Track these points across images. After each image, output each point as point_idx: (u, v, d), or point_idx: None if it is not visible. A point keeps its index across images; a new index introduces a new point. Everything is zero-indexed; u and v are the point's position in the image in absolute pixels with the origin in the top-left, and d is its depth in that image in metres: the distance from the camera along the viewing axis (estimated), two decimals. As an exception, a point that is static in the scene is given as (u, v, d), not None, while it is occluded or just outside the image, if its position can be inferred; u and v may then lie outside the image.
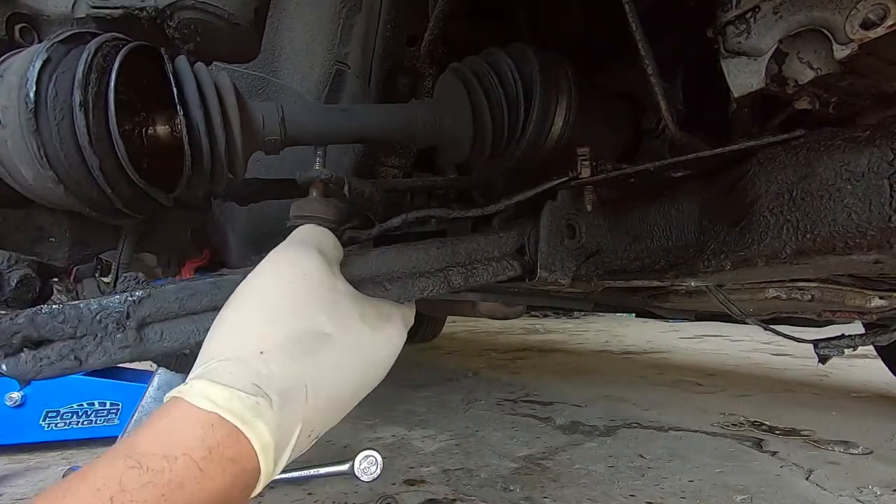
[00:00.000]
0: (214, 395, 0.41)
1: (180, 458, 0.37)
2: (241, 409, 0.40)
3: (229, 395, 0.41)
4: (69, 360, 0.51)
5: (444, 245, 0.68)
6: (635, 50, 0.65)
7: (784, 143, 0.62)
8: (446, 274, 0.68)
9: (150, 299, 0.53)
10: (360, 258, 0.61)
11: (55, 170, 0.51)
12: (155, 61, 0.57)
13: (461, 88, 0.80)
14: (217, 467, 0.39)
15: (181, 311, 0.54)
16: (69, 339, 0.51)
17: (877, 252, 0.53)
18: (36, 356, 0.50)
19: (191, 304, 0.54)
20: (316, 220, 0.62)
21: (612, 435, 1.79)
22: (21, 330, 0.50)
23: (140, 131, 0.57)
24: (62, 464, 1.53)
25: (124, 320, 0.52)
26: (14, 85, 0.50)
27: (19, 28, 0.63)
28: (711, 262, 0.67)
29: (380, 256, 0.62)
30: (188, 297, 0.54)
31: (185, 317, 0.54)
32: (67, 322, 0.51)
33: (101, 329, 0.52)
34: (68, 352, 0.51)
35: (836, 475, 1.43)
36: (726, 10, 0.59)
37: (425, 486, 1.32)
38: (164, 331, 0.54)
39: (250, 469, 0.41)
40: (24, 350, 0.50)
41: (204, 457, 0.38)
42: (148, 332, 0.53)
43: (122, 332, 0.52)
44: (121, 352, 0.52)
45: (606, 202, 0.82)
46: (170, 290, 0.54)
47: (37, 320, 0.50)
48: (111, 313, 0.52)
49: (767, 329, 1.05)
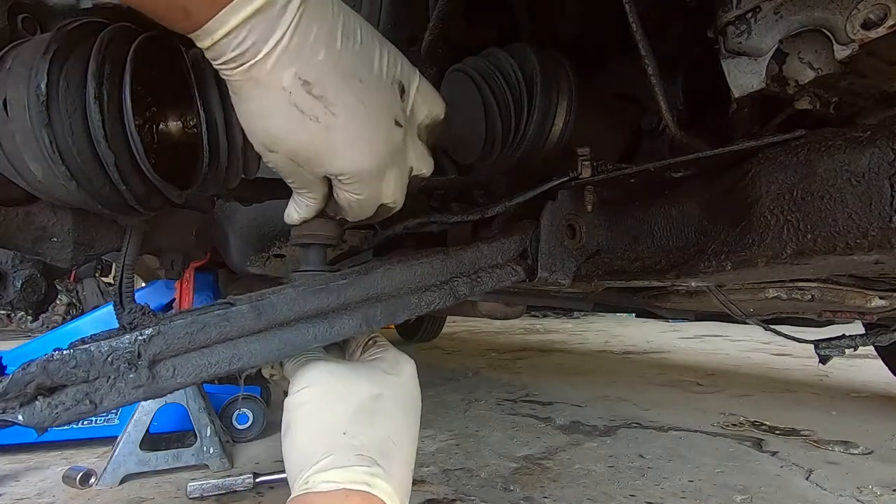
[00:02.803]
0: (334, 476, 0.47)
1: None
2: (360, 476, 0.48)
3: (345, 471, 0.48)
4: (84, 405, 0.51)
5: (448, 257, 0.68)
6: (635, 50, 0.65)
7: (784, 144, 0.62)
8: (451, 286, 0.67)
9: (160, 336, 0.53)
10: (366, 277, 0.61)
11: (67, 164, 0.50)
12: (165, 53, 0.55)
13: (471, 88, 0.80)
14: None
15: (191, 345, 0.54)
16: (83, 384, 0.51)
17: (877, 252, 0.53)
18: (51, 403, 0.50)
19: (200, 338, 0.54)
20: (315, 237, 0.62)
21: (612, 435, 1.79)
22: (34, 378, 0.49)
23: (151, 126, 0.56)
24: (62, 464, 1.53)
25: (136, 360, 0.52)
26: (22, 76, 0.48)
27: (21, 18, 0.62)
28: (712, 262, 0.67)
29: (385, 274, 0.62)
30: (197, 330, 0.54)
31: (195, 351, 0.54)
32: (79, 367, 0.51)
33: (114, 370, 0.51)
34: (83, 396, 0.51)
35: (836, 475, 1.43)
36: (727, 10, 0.59)
37: (425, 486, 1.32)
38: (175, 366, 0.53)
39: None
40: (39, 398, 0.50)
41: None
42: (160, 370, 0.53)
43: (135, 372, 0.52)
44: (135, 391, 0.52)
45: (607, 202, 0.82)
46: (179, 326, 0.54)
47: (49, 367, 0.50)
48: (122, 354, 0.52)
49: (768, 329, 1.05)
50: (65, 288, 3.71)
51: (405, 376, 0.60)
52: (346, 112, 0.50)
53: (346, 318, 0.58)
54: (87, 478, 1.30)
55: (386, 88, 0.53)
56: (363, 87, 0.51)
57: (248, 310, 0.55)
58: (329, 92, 0.48)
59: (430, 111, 0.60)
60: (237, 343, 0.55)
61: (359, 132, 0.51)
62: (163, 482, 1.43)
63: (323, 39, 0.47)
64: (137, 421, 1.47)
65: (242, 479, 1.33)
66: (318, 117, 0.49)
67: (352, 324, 0.58)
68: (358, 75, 0.50)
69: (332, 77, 0.48)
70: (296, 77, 0.47)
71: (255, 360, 0.55)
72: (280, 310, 0.56)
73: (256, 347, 0.55)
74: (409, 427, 0.57)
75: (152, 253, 0.97)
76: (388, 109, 0.54)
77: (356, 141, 0.51)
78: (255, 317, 0.55)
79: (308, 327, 0.57)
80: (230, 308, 0.55)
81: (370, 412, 0.54)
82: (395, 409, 0.56)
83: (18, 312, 4.97)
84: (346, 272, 0.61)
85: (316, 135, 0.50)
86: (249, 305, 0.55)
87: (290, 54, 0.46)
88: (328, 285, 0.58)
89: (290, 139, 0.50)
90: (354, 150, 0.52)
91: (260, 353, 0.55)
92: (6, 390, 0.49)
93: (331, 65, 0.48)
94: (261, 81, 0.47)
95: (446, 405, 2.17)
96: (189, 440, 1.59)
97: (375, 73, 0.52)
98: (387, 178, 0.56)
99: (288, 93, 0.47)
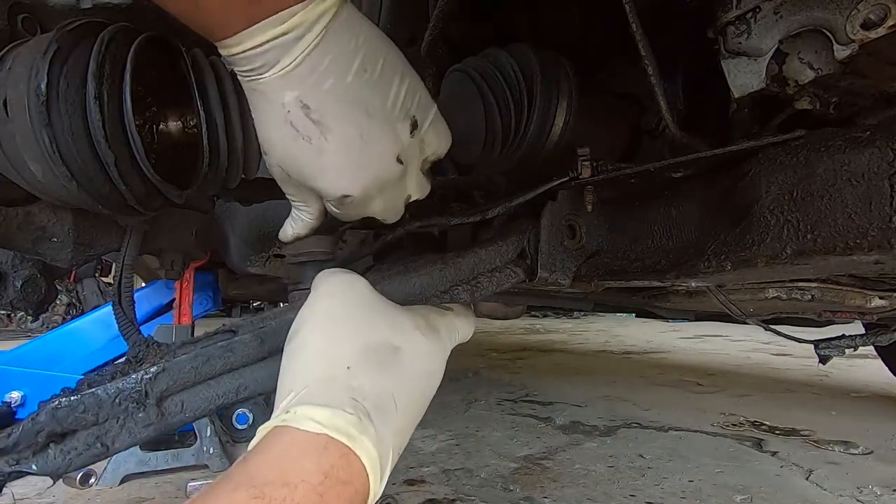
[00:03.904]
0: (319, 416, 0.41)
1: (300, 486, 0.37)
2: (346, 426, 0.41)
3: (332, 413, 0.41)
4: (96, 448, 0.51)
5: (447, 266, 0.68)
6: (635, 50, 0.65)
7: (784, 144, 0.62)
8: (452, 294, 0.67)
9: (166, 373, 0.53)
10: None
11: (67, 165, 0.50)
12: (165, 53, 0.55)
13: (472, 88, 0.80)
14: (333, 492, 0.39)
15: (197, 378, 0.54)
16: (93, 427, 0.51)
17: (878, 252, 0.53)
18: (63, 450, 0.51)
19: (206, 371, 0.54)
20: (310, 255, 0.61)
21: (612, 435, 1.79)
22: (44, 427, 0.50)
23: (151, 126, 0.56)
24: (62, 464, 1.53)
25: (143, 399, 0.52)
26: (22, 76, 0.48)
27: (21, 18, 0.62)
28: (712, 262, 0.67)
29: (385, 288, 0.62)
30: (202, 363, 0.54)
31: (202, 384, 0.54)
32: (88, 411, 0.51)
33: (122, 411, 0.52)
34: (94, 440, 0.51)
35: (836, 475, 1.43)
36: (727, 10, 0.59)
37: (425, 486, 1.32)
38: (183, 401, 0.54)
39: (362, 491, 0.41)
40: (51, 445, 0.50)
41: (321, 482, 0.38)
42: (168, 406, 0.53)
43: (144, 411, 0.52)
44: (145, 430, 0.52)
45: (607, 202, 0.82)
46: (184, 361, 0.54)
47: (58, 415, 0.50)
48: (129, 394, 0.52)
49: (768, 329, 1.05)
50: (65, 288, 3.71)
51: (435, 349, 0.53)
52: (340, 140, 0.50)
53: None
54: (87, 478, 1.30)
55: (395, 123, 0.53)
56: (369, 120, 0.51)
57: (251, 338, 0.55)
58: (328, 119, 0.49)
59: (438, 148, 0.59)
60: (242, 373, 0.55)
61: (349, 162, 0.51)
62: (163, 482, 1.43)
63: (334, 70, 0.48)
64: (137, 421, 1.47)
65: (242, 479, 1.33)
66: (312, 139, 0.50)
67: None
68: (366, 107, 0.50)
69: (334, 106, 0.49)
70: (297, 99, 0.48)
71: (262, 388, 0.55)
72: (282, 335, 0.55)
73: (262, 375, 0.56)
74: (416, 397, 0.50)
75: (152, 253, 0.98)
76: (392, 145, 0.53)
77: (345, 169, 0.52)
78: (257, 345, 0.56)
79: None
80: (233, 338, 0.55)
81: (383, 360, 0.47)
82: (409, 371, 0.49)
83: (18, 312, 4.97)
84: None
85: (306, 153, 0.50)
86: (252, 334, 0.55)
87: (294, 80, 0.47)
88: None
89: (282, 151, 0.52)
90: (341, 176, 0.52)
91: (266, 380, 0.55)
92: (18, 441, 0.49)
93: (337, 94, 0.49)
94: (265, 95, 0.49)
95: (446, 405, 2.17)
96: (189, 440, 1.59)
97: (388, 107, 0.52)
98: (375, 202, 0.56)
99: (286, 111, 0.49)
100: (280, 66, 0.47)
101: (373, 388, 0.45)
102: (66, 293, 3.86)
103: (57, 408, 0.50)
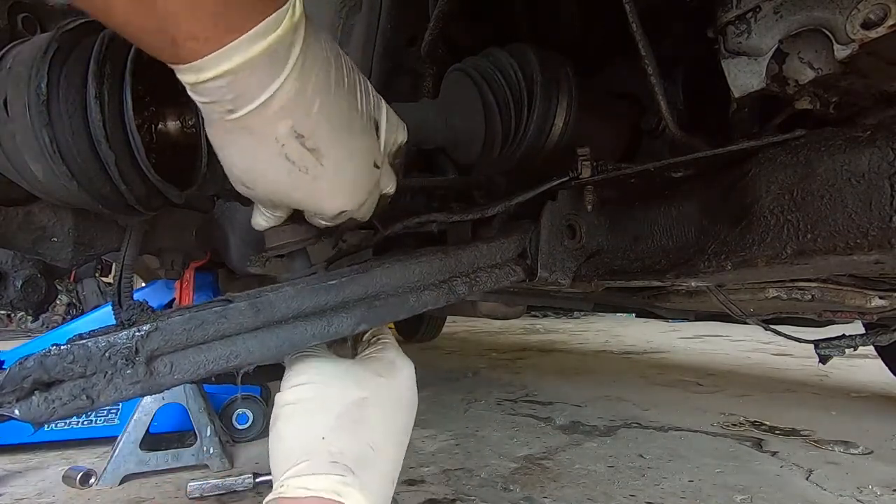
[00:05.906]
0: (308, 483, 0.47)
1: None
2: (332, 485, 0.47)
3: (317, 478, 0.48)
4: (81, 400, 0.51)
5: (447, 257, 0.68)
6: (635, 50, 0.65)
7: (784, 144, 0.62)
8: (450, 285, 0.67)
9: (158, 332, 0.53)
10: (365, 276, 0.61)
11: (68, 164, 0.50)
12: None
13: (471, 88, 0.80)
14: None
15: (189, 341, 0.54)
16: (80, 379, 0.51)
17: (878, 252, 0.53)
18: (48, 398, 0.50)
19: (198, 335, 0.54)
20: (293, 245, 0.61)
21: (612, 435, 1.79)
22: (31, 373, 0.49)
23: (150, 126, 0.56)
24: (62, 464, 1.53)
25: (133, 356, 0.52)
26: (22, 76, 0.48)
27: (21, 18, 0.62)
28: (712, 262, 0.67)
29: (384, 273, 0.62)
30: (195, 327, 0.54)
31: (193, 347, 0.54)
32: (77, 362, 0.51)
33: (111, 366, 0.51)
34: (79, 391, 0.51)
35: (836, 475, 1.43)
36: (727, 10, 0.59)
37: (425, 486, 1.32)
38: (173, 363, 0.53)
39: None
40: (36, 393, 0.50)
41: None
42: (157, 365, 0.53)
43: (132, 368, 0.52)
44: (132, 387, 0.52)
45: (607, 202, 0.82)
46: (177, 322, 0.54)
47: (46, 362, 0.50)
48: (120, 349, 0.51)
49: (768, 329, 1.04)
50: (65, 288, 3.71)
51: (399, 379, 0.59)
52: (334, 164, 0.48)
53: (344, 317, 0.58)
54: (87, 478, 1.30)
55: (367, 131, 0.52)
56: (350, 135, 0.49)
57: (247, 307, 0.55)
58: (322, 144, 0.46)
59: (397, 139, 0.59)
60: (235, 340, 0.55)
61: (344, 181, 0.51)
62: (163, 482, 1.43)
63: (320, 88, 0.43)
64: (137, 421, 1.47)
65: (242, 479, 1.33)
66: (308, 169, 0.47)
67: (349, 322, 0.58)
68: (348, 123, 0.49)
69: (325, 129, 0.46)
70: (291, 129, 0.43)
71: (253, 358, 0.55)
72: (278, 307, 0.56)
73: (254, 345, 0.55)
74: (393, 433, 0.56)
75: (152, 253, 0.97)
76: (370, 154, 0.53)
77: (340, 188, 0.51)
78: (253, 314, 0.55)
79: (306, 325, 0.57)
80: (228, 305, 0.55)
81: (353, 418, 0.53)
82: (379, 414, 0.55)
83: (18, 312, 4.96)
84: (345, 271, 0.61)
85: (301, 183, 0.48)
86: (248, 303, 0.55)
87: (286, 108, 0.41)
88: (326, 284, 0.58)
89: (273, 186, 0.49)
90: (337, 197, 0.52)
91: (257, 350, 0.55)
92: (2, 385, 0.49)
93: (325, 115, 0.45)
94: (253, 130, 0.42)
95: (446, 405, 2.17)
96: (189, 440, 1.59)
97: (358, 116, 0.50)
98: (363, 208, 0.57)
99: (280, 144, 0.43)
100: (272, 90, 0.39)
101: (349, 446, 0.51)
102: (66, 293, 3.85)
103: (46, 356, 0.50)
